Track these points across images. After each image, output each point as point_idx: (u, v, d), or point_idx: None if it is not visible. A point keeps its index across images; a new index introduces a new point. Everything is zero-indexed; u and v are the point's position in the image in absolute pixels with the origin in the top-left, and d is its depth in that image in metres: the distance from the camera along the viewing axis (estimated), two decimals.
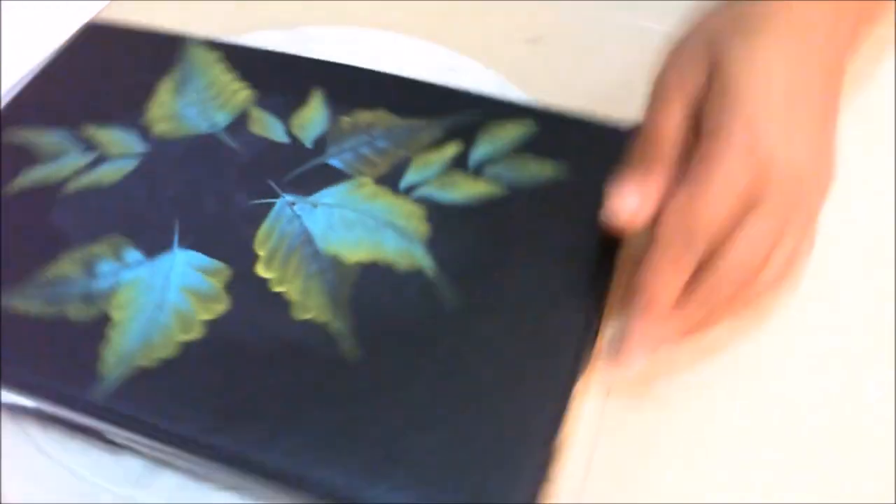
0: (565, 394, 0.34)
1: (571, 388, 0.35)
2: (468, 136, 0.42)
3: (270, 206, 0.40)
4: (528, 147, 0.41)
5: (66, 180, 0.41)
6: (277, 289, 0.37)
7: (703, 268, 0.35)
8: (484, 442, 0.33)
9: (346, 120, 0.43)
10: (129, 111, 0.44)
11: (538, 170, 0.40)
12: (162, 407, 0.34)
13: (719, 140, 0.34)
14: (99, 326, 0.36)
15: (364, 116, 0.43)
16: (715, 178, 0.34)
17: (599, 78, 0.50)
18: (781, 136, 0.34)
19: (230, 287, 0.37)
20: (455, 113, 0.43)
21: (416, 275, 0.37)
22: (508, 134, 0.42)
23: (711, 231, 0.34)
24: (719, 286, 0.35)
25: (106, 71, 0.46)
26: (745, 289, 0.35)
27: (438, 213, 0.39)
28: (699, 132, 0.36)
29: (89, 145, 0.42)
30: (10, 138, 0.43)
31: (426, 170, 0.41)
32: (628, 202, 0.36)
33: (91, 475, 0.35)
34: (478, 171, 0.40)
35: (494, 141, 0.41)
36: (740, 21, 0.37)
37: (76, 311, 0.36)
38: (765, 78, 0.35)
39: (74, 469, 0.36)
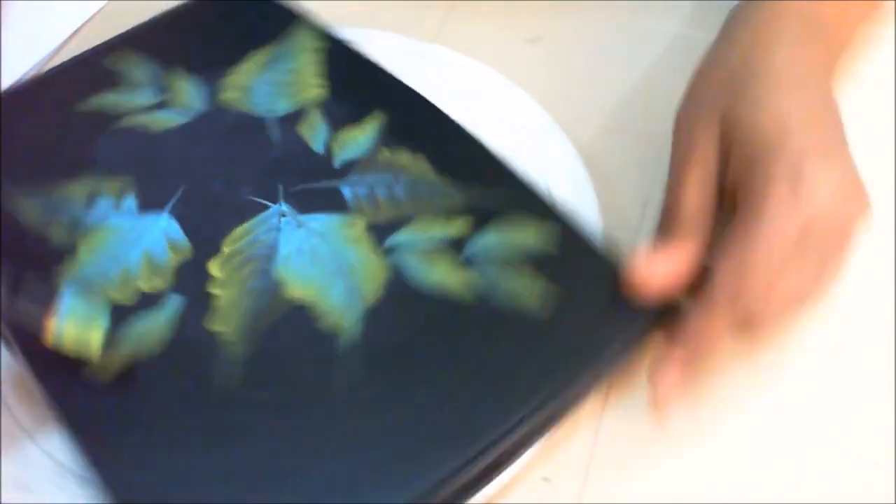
0: None
1: None
2: (484, 218, 0.39)
3: (264, 208, 0.39)
4: (533, 258, 0.37)
5: (125, 114, 0.43)
6: (214, 290, 0.37)
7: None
8: None
9: (385, 154, 0.41)
10: (215, 69, 0.45)
11: (526, 286, 0.36)
12: (55, 374, 0.34)
13: (757, 193, 0.34)
14: (64, 257, 0.37)
15: (403, 158, 0.41)
16: (765, 232, 0.34)
17: (599, 78, 0.49)
18: (819, 170, 0.34)
19: (179, 270, 0.37)
20: (490, 187, 0.40)
21: (336, 336, 0.35)
22: (521, 236, 0.38)
23: (767, 282, 0.34)
24: (762, 317, 0.35)
25: (221, 25, 0.47)
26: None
27: (400, 286, 0.37)
28: (724, 197, 0.36)
29: (163, 89, 0.44)
30: (107, 60, 0.46)
31: (420, 235, 0.38)
32: (651, 264, 0.35)
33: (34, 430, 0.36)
34: (468, 262, 0.37)
35: (503, 237, 0.38)
36: (739, 77, 0.37)
37: (57, 234, 0.38)
38: (787, 118, 0.35)
39: (24, 426, 0.37)
